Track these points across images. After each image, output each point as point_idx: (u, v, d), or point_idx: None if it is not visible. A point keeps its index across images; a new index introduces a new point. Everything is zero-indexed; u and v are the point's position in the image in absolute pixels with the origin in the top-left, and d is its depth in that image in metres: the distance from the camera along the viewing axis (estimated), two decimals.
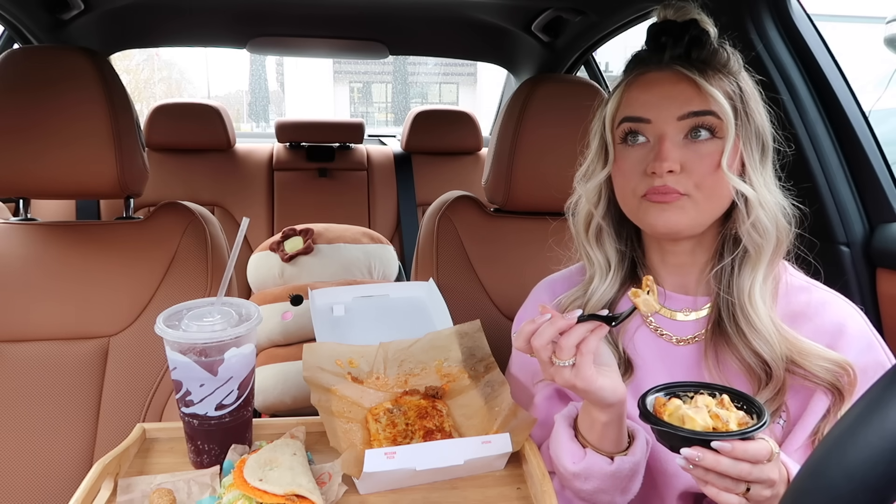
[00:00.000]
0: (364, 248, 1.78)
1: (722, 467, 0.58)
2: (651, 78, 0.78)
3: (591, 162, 0.86)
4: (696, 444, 0.59)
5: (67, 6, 1.57)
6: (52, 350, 1.08)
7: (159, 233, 1.16)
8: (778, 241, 0.76)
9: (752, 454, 0.58)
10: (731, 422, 0.60)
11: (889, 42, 2.91)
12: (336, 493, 0.70)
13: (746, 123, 0.76)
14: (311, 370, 0.86)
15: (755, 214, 0.75)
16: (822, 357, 0.72)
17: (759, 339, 0.74)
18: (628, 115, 0.78)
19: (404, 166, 2.61)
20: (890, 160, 1.14)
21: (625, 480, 0.73)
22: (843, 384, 0.72)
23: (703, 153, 0.75)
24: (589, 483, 0.73)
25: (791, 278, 0.81)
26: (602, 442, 0.73)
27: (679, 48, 0.77)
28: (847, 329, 0.76)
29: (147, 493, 0.69)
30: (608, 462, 0.73)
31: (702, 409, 0.62)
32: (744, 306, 0.76)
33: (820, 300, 0.79)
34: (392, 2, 1.74)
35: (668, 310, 0.84)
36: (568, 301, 0.88)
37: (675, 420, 0.62)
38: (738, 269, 0.78)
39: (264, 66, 20.34)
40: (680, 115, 0.75)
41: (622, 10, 1.54)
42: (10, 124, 1.04)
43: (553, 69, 2.04)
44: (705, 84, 0.73)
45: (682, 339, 0.82)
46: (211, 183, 2.42)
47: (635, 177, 0.78)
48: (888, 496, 0.33)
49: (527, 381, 0.91)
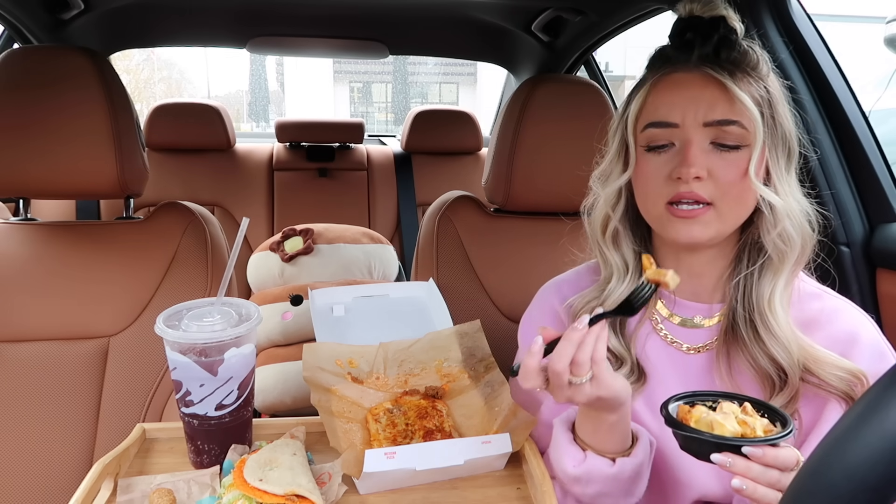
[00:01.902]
0: (364, 248, 1.78)
1: (753, 473, 0.58)
2: (677, 79, 0.75)
3: (609, 163, 0.83)
4: (725, 450, 0.58)
5: (67, 6, 1.57)
6: (52, 350, 1.08)
7: (159, 233, 1.16)
8: (802, 248, 0.75)
9: (782, 461, 0.58)
10: (757, 429, 0.60)
11: (889, 42, 2.92)
12: (336, 493, 0.70)
13: (773, 130, 0.73)
14: (311, 370, 0.86)
15: (782, 224, 0.73)
16: (837, 366, 0.71)
17: (778, 345, 0.73)
18: (654, 121, 0.75)
19: (404, 166, 2.61)
20: (890, 160, 1.14)
21: (627, 483, 0.72)
22: (857, 393, 0.71)
23: (729, 160, 0.72)
24: (590, 487, 0.72)
25: (804, 285, 0.79)
26: (607, 443, 0.72)
27: (708, 47, 0.73)
28: (860, 338, 0.74)
29: (147, 493, 0.69)
30: (609, 464, 0.71)
31: (729, 416, 0.61)
32: (763, 313, 0.74)
33: (833, 308, 0.78)
34: (392, 2, 1.74)
35: (679, 317, 0.82)
36: (582, 303, 0.85)
37: (704, 426, 0.61)
38: (759, 275, 0.76)
39: (264, 66, 20.36)
40: (706, 121, 0.72)
41: (622, 10, 1.54)
42: (10, 124, 1.04)
43: (553, 69, 2.04)
44: (735, 89, 0.71)
45: (694, 348, 0.80)
46: (211, 183, 2.42)
47: (659, 182, 0.75)
48: (888, 496, 0.33)
49: None
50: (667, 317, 0.83)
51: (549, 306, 0.91)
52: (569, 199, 1.23)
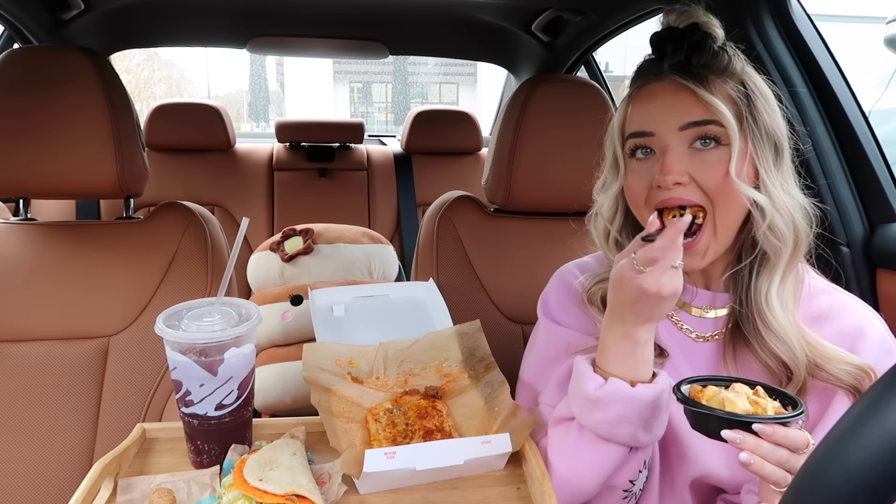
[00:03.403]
0: (364, 248, 1.78)
1: (762, 451, 0.59)
2: (651, 90, 0.77)
3: (606, 174, 0.86)
4: (736, 427, 0.60)
5: (67, 6, 1.57)
6: (52, 350, 1.08)
7: (159, 233, 1.16)
8: (796, 244, 0.76)
9: (793, 441, 0.59)
10: (768, 409, 0.61)
11: (889, 42, 2.92)
12: (336, 493, 0.70)
13: (754, 126, 0.74)
14: (311, 370, 0.86)
15: (770, 219, 0.74)
16: (845, 361, 0.73)
17: (778, 341, 0.74)
18: (632, 132, 0.78)
19: (404, 166, 2.61)
20: (890, 160, 1.14)
21: (647, 410, 0.71)
22: (865, 387, 0.72)
23: (710, 162, 0.73)
24: (611, 410, 0.70)
25: (813, 281, 0.81)
26: (624, 369, 0.72)
27: (679, 55, 0.76)
28: (867, 333, 0.76)
29: (147, 493, 0.69)
30: (629, 386, 0.71)
31: (741, 395, 0.63)
32: (761, 309, 0.76)
33: (842, 303, 0.80)
34: (392, 2, 1.74)
35: (689, 304, 0.84)
36: (592, 282, 0.88)
37: (715, 404, 0.62)
38: (756, 272, 0.78)
39: (264, 66, 20.37)
40: (681, 125, 0.74)
41: (622, 10, 1.54)
42: (10, 124, 1.04)
43: (553, 69, 2.04)
44: (703, 92, 0.72)
45: (702, 336, 0.83)
46: (211, 183, 2.42)
47: (645, 189, 0.77)
48: (888, 495, 0.33)
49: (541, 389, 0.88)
50: (679, 304, 0.84)
51: (566, 283, 0.93)
52: (569, 199, 1.24)
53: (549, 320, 0.92)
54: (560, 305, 0.92)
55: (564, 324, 0.90)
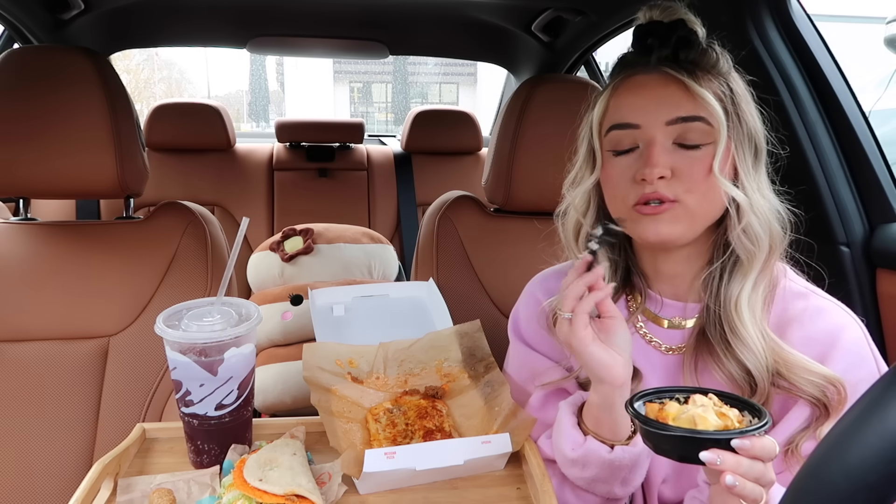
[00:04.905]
0: (364, 248, 1.78)
1: (742, 469, 0.54)
2: (638, 81, 0.75)
3: (579, 169, 0.83)
4: (712, 447, 0.54)
5: (67, 6, 1.57)
6: (52, 350, 1.08)
7: (159, 233, 1.16)
8: (770, 249, 0.74)
9: (768, 451, 0.55)
10: (733, 420, 0.56)
11: (889, 42, 2.92)
12: (336, 493, 0.70)
13: (738, 126, 0.73)
14: (311, 370, 0.86)
15: (746, 220, 0.72)
16: (809, 370, 0.70)
17: (744, 348, 0.72)
18: (616, 123, 0.76)
19: (404, 166, 2.61)
20: (890, 160, 1.14)
21: (624, 471, 0.72)
22: (830, 399, 0.69)
23: (694, 158, 0.72)
24: (587, 471, 0.73)
25: (790, 283, 0.78)
26: (598, 426, 0.72)
27: (666, 49, 0.74)
28: (840, 340, 0.72)
29: (147, 492, 0.69)
30: (607, 450, 0.71)
31: (708, 408, 0.57)
32: (730, 315, 0.73)
33: (816, 308, 0.75)
34: (392, 2, 1.74)
35: (657, 316, 0.82)
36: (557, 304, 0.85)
37: (685, 423, 0.56)
38: (729, 276, 0.75)
39: (264, 66, 20.36)
40: (669, 119, 0.72)
41: (622, 10, 1.54)
42: (10, 124, 1.04)
43: (553, 69, 2.04)
44: (695, 86, 0.71)
45: (671, 348, 0.81)
46: (211, 183, 2.42)
47: (625, 184, 0.75)
48: (888, 495, 0.33)
49: (522, 380, 0.90)
50: (648, 317, 0.83)
51: (534, 299, 0.92)
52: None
53: (519, 342, 0.91)
54: (528, 325, 0.91)
55: (535, 345, 0.89)
